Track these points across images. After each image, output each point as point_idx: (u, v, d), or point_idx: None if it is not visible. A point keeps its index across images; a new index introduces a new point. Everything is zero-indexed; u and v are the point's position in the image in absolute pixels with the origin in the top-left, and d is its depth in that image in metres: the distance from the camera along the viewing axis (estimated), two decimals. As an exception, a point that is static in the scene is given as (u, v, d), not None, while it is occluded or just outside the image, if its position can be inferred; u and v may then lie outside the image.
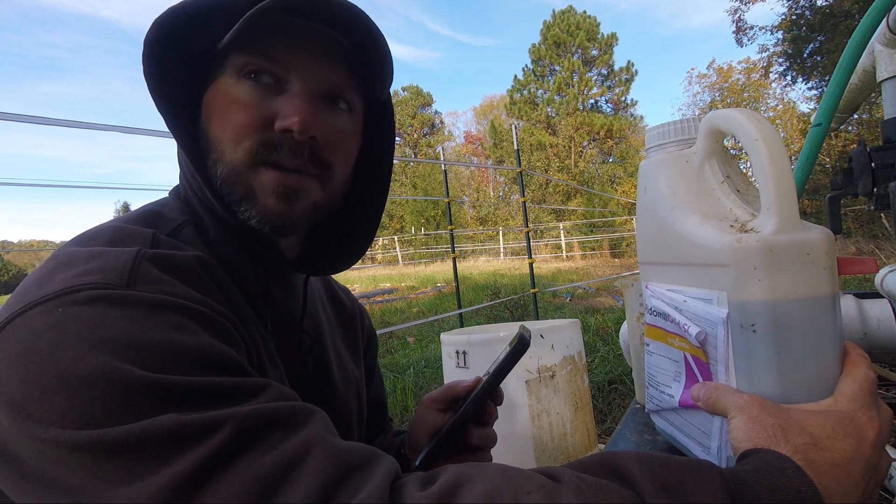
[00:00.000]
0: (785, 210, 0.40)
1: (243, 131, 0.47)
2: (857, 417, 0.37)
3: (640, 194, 0.55)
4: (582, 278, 9.60)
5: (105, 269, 0.38)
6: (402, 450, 0.67)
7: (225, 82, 0.48)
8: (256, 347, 0.47)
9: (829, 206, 0.99)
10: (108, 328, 0.34)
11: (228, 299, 0.46)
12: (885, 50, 1.04)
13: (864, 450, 0.36)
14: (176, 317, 0.37)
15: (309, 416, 0.37)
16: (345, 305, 0.73)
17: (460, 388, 0.60)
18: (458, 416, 0.53)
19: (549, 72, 25.74)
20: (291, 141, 0.47)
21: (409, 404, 3.15)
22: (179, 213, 0.50)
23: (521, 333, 0.51)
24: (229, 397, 0.35)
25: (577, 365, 1.83)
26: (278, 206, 0.48)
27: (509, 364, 0.51)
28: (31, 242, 38.21)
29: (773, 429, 0.36)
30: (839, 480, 0.34)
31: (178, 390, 0.34)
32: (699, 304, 0.45)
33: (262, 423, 0.34)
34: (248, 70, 0.47)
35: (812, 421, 0.37)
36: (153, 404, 0.33)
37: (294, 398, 0.39)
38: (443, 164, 5.83)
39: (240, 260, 0.51)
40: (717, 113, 0.45)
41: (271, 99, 0.48)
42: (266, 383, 0.38)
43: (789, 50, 14.67)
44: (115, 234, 0.44)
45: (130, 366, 0.33)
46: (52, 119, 2.37)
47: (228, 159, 0.47)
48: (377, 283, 12.39)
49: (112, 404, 0.32)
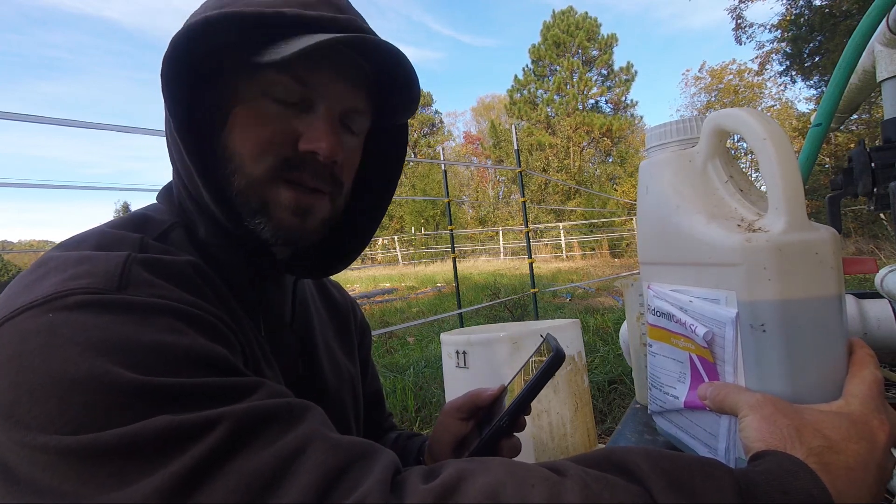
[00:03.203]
0: (793, 209, 0.40)
1: (266, 147, 0.47)
2: (869, 420, 0.37)
3: (641, 194, 0.55)
4: (582, 278, 9.60)
5: (95, 272, 0.37)
6: (420, 456, 0.67)
7: (251, 95, 0.48)
8: (252, 349, 0.46)
9: (829, 206, 0.99)
10: (99, 331, 0.34)
11: (222, 302, 0.45)
12: (885, 50, 1.04)
13: (875, 453, 0.35)
14: (168, 319, 0.37)
15: (305, 412, 0.37)
16: (336, 301, 0.72)
17: (484, 397, 0.60)
18: (493, 430, 0.53)
19: (549, 72, 25.74)
20: (315, 163, 0.49)
21: (408, 404, 3.15)
22: (169, 216, 0.50)
23: (556, 347, 0.51)
24: (223, 397, 0.35)
25: (577, 365, 1.83)
26: (293, 222, 0.49)
27: (545, 377, 0.50)
28: (30, 242, 38.16)
29: (788, 429, 0.36)
30: (853, 484, 0.34)
31: (171, 392, 0.33)
32: (706, 304, 0.45)
33: (258, 420, 0.34)
34: (279, 89, 0.48)
35: (827, 423, 0.36)
36: (145, 406, 0.32)
37: (289, 396, 0.39)
38: (442, 164, 5.83)
39: (234, 263, 0.51)
40: (723, 112, 0.45)
41: (296, 118, 0.48)
42: (260, 382, 0.38)
43: (789, 49, 14.68)
44: (102, 240, 0.43)
45: (121, 368, 0.32)
46: (54, 119, 2.37)
47: (248, 172, 0.48)
48: (377, 283, 12.38)
49: (104, 408, 0.31)
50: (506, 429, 0.52)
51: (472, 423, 0.61)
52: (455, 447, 0.61)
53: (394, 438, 0.74)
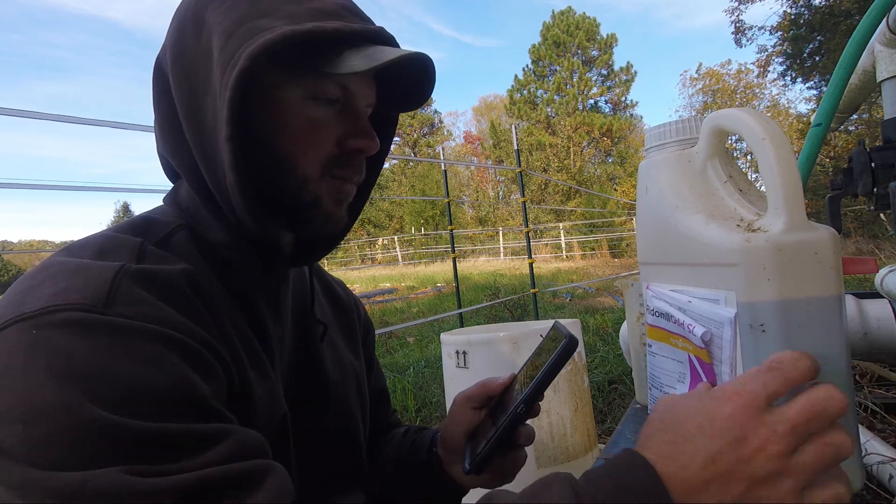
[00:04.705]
0: (793, 209, 0.40)
1: (318, 149, 0.50)
2: (736, 415, 0.34)
3: (640, 194, 0.55)
4: (582, 278, 9.60)
5: (85, 287, 0.38)
6: (433, 448, 0.67)
7: (296, 99, 0.49)
8: (240, 365, 0.46)
9: (829, 206, 0.99)
10: (78, 357, 0.34)
11: (214, 314, 0.45)
12: (885, 50, 1.04)
13: (717, 445, 0.34)
14: (149, 346, 0.37)
15: (261, 482, 0.37)
16: (340, 297, 0.73)
17: (494, 386, 0.61)
18: (509, 418, 0.53)
19: (549, 72, 25.76)
20: (358, 158, 0.53)
21: (409, 404, 3.15)
22: (174, 219, 0.51)
23: (568, 333, 0.51)
24: (186, 447, 0.35)
25: (577, 365, 1.83)
26: (339, 211, 0.54)
27: (560, 362, 0.51)
28: (31, 242, 38.20)
29: (648, 424, 0.39)
30: (674, 458, 0.35)
31: (134, 436, 0.33)
32: (704, 305, 0.45)
33: (210, 490, 0.34)
34: (324, 91, 0.50)
35: (684, 408, 0.37)
36: (103, 450, 0.32)
37: (257, 446, 0.39)
38: (443, 164, 5.84)
39: (246, 262, 0.51)
40: (722, 112, 0.45)
41: (339, 116, 0.51)
42: (227, 431, 0.38)
43: (789, 50, 14.69)
44: (105, 243, 0.44)
45: (91, 402, 0.33)
46: (54, 115, 2.37)
47: (301, 174, 0.50)
48: (377, 283, 12.39)
49: (63, 443, 0.32)
50: (522, 415, 0.53)
51: (485, 413, 0.62)
52: (468, 437, 0.61)
53: (402, 433, 0.74)
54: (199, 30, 0.48)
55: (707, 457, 0.34)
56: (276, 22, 0.46)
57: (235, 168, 0.45)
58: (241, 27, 0.46)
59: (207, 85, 0.47)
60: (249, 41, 0.44)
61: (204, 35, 0.48)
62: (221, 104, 0.45)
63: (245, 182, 0.47)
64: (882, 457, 1.24)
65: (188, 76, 0.48)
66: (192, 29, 0.49)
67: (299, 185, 0.50)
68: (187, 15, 0.49)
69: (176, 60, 0.49)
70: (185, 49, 0.49)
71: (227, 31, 0.46)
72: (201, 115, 0.48)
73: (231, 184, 0.46)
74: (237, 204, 0.47)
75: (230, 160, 0.45)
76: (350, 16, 0.50)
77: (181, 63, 0.49)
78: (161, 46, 0.53)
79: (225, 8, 0.47)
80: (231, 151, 0.45)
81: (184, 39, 0.49)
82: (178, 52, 0.49)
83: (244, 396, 0.45)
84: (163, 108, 0.52)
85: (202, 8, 0.49)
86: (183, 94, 0.49)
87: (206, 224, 0.51)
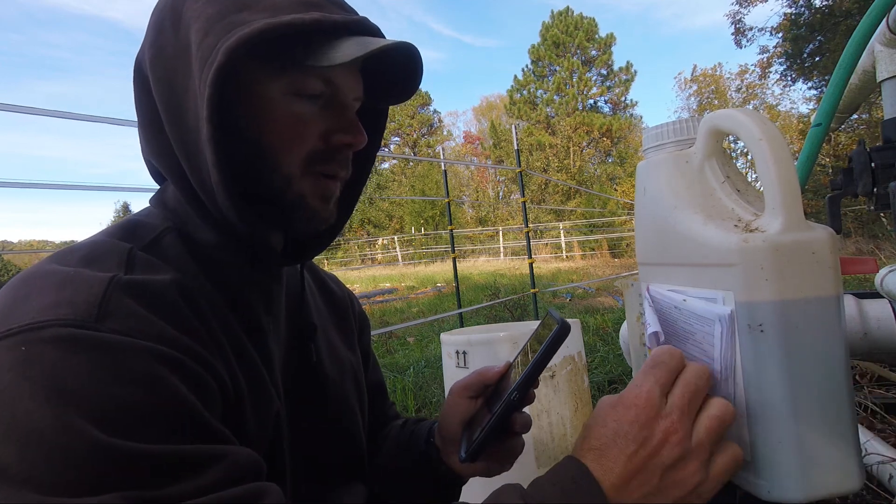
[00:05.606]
0: (790, 209, 0.40)
1: (302, 144, 0.49)
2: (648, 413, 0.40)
3: (638, 195, 0.55)
4: (582, 278, 9.60)
5: (75, 300, 0.37)
6: (430, 438, 0.67)
7: (279, 94, 0.48)
8: (232, 371, 0.45)
9: (829, 206, 0.99)
10: (70, 376, 0.33)
11: (206, 323, 0.45)
12: (885, 50, 1.04)
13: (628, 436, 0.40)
14: (143, 364, 0.36)
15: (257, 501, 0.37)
16: (334, 293, 0.73)
17: (490, 375, 0.61)
18: (503, 406, 0.53)
19: (549, 72, 25.76)
20: (344, 154, 0.52)
21: (408, 404, 3.15)
22: (161, 221, 0.50)
23: (560, 319, 0.51)
24: (181, 470, 0.34)
25: (577, 365, 1.83)
26: (325, 209, 0.53)
27: (553, 348, 0.51)
28: (31, 242, 38.16)
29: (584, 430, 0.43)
30: (623, 450, 0.40)
31: (131, 458, 0.33)
32: (699, 303, 0.45)
33: None
34: (307, 86, 0.49)
35: (612, 412, 0.42)
36: (103, 471, 0.32)
37: (252, 466, 0.39)
38: (442, 164, 5.84)
39: (235, 262, 0.51)
40: (719, 113, 0.45)
41: (323, 111, 0.50)
42: (223, 453, 0.37)
43: (789, 50, 14.68)
44: (93, 250, 0.43)
45: (87, 422, 0.32)
46: (55, 111, 2.37)
47: (286, 170, 0.49)
48: (377, 283, 12.39)
49: (59, 466, 0.31)
50: (517, 403, 0.53)
51: (481, 402, 0.62)
52: (465, 426, 0.61)
53: (400, 425, 0.74)
54: (178, 25, 0.47)
55: (625, 458, 0.39)
56: (256, 15, 0.44)
57: (219, 167, 0.44)
58: (220, 22, 0.44)
59: (187, 82, 0.46)
60: (227, 36, 0.43)
61: (182, 31, 0.46)
62: (202, 102, 0.43)
63: (229, 180, 0.46)
64: (882, 457, 1.24)
65: (168, 74, 0.47)
66: (170, 25, 0.47)
67: (283, 182, 0.49)
68: (165, 11, 0.48)
69: (155, 59, 0.48)
70: (164, 46, 0.47)
71: (206, 26, 0.45)
72: (183, 114, 0.46)
73: (216, 183, 0.45)
74: (223, 203, 0.46)
75: (213, 159, 0.44)
76: (331, 6, 0.49)
77: (160, 61, 0.47)
78: (140, 46, 0.51)
79: (204, 2, 0.46)
80: (214, 150, 0.44)
81: (162, 36, 0.48)
82: (157, 49, 0.48)
83: (237, 402, 0.45)
84: (144, 110, 0.50)
85: (180, 3, 0.47)
86: (163, 92, 0.47)
87: (194, 225, 0.50)
